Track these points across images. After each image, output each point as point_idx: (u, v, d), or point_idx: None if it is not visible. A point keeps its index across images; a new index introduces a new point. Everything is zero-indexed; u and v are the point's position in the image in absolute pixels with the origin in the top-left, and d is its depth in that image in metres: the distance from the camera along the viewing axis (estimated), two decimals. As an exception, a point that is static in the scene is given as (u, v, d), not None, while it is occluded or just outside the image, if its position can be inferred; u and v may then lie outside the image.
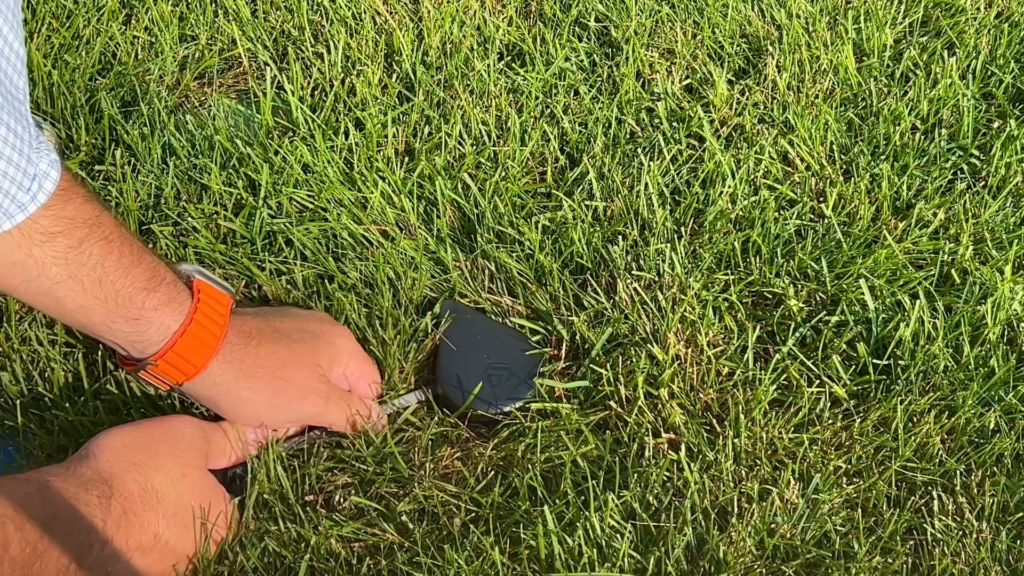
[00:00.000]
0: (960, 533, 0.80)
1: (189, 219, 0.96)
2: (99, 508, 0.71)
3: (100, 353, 0.88)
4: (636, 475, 0.81)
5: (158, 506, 0.74)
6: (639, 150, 1.03)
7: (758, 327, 0.91)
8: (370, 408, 0.85)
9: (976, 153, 1.05)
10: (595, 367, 0.88)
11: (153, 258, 0.80)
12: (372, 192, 0.99)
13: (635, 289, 0.92)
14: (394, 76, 1.10)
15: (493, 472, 0.82)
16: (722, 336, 0.90)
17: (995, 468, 0.84)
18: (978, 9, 1.17)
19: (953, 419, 0.85)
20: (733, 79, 1.10)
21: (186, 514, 0.75)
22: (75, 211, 0.75)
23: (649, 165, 1.00)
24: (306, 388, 0.82)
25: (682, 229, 0.97)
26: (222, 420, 0.82)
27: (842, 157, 1.04)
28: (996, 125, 1.06)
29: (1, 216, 0.70)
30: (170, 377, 0.80)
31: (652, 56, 1.11)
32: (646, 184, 0.99)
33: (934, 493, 0.82)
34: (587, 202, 0.99)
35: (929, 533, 0.80)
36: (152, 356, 0.79)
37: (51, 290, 0.76)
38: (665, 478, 0.81)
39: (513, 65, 1.11)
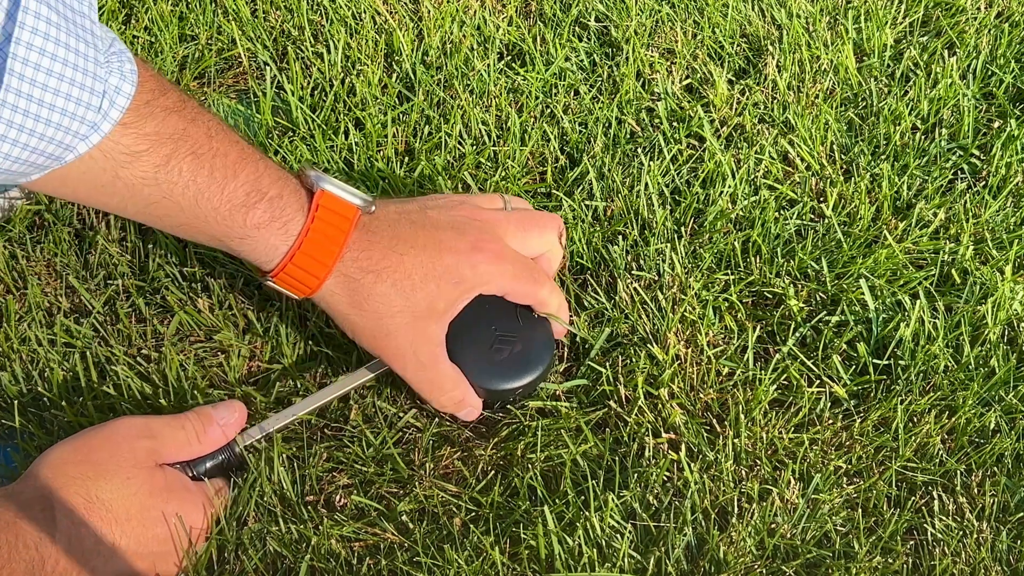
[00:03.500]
0: (960, 533, 0.80)
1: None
2: (43, 524, 0.69)
3: (99, 354, 0.88)
4: (636, 475, 0.81)
5: (107, 514, 0.71)
6: (639, 150, 1.03)
7: (758, 327, 0.91)
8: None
9: (976, 153, 1.05)
10: (594, 366, 0.88)
11: (254, 169, 0.75)
12: (372, 192, 0.99)
13: (635, 289, 0.92)
14: (394, 76, 1.10)
15: (493, 472, 0.82)
16: (722, 336, 0.90)
17: (995, 468, 0.84)
18: (978, 9, 1.17)
19: (953, 419, 0.85)
20: (733, 79, 1.10)
21: (141, 515, 0.72)
22: (157, 126, 0.71)
23: (649, 165, 1.00)
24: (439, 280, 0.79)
25: (682, 229, 0.97)
26: (184, 411, 0.79)
27: (842, 157, 1.04)
28: (996, 125, 1.06)
29: (73, 138, 0.67)
30: (294, 291, 0.78)
31: (652, 56, 1.11)
32: (646, 184, 0.99)
33: (934, 493, 0.82)
34: (587, 202, 0.99)
35: (929, 533, 0.80)
36: (269, 273, 0.77)
37: (149, 210, 0.73)
38: (665, 478, 0.81)
39: (513, 65, 1.11)
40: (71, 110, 0.66)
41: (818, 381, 0.88)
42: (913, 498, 0.82)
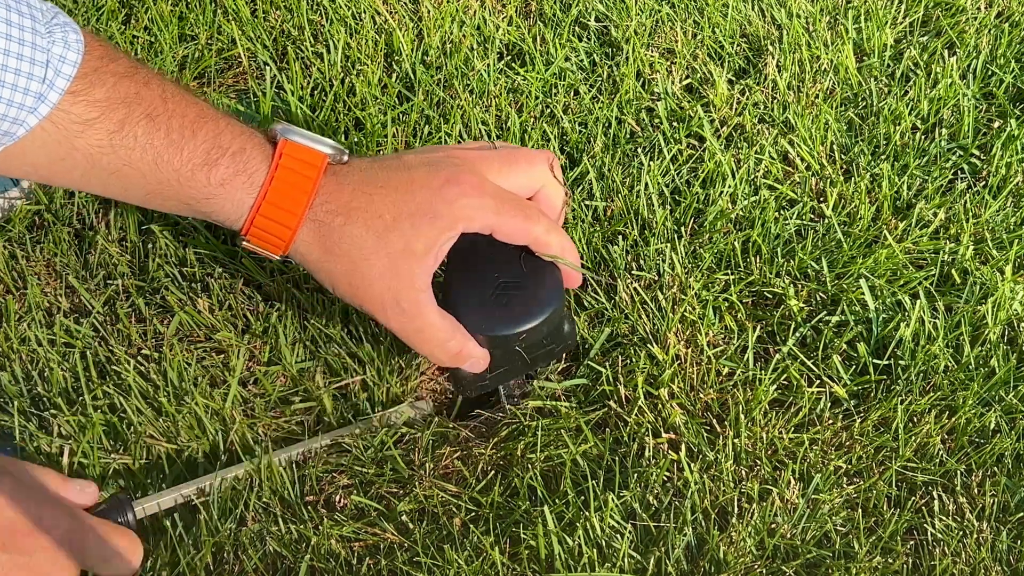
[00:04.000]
0: (960, 533, 0.80)
1: (189, 219, 0.96)
2: None
3: (99, 353, 0.88)
4: (636, 475, 0.81)
5: None
6: (639, 150, 1.03)
7: (758, 327, 0.91)
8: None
9: (976, 153, 1.05)
10: (594, 366, 0.88)
11: (214, 127, 0.72)
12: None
13: (635, 289, 0.92)
14: (394, 76, 1.10)
15: (493, 472, 0.82)
16: (722, 336, 0.90)
17: (995, 468, 0.84)
18: (978, 9, 1.17)
19: (953, 419, 0.85)
20: (733, 79, 1.10)
21: (13, 535, 0.65)
22: (108, 92, 0.69)
23: (649, 165, 1.00)
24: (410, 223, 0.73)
25: (682, 229, 0.97)
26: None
27: (842, 157, 1.04)
28: (996, 125, 1.06)
29: (19, 111, 0.66)
30: (270, 247, 0.75)
31: (652, 56, 1.11)
32: (646, 184, 0.99)
33: (934, 493, 0.82)
34: (587, 202, 0.99)
35: (929, 533, 0.80)
36: (240, 232, 0.74)
37: (110, 181, 0.71)
38: (665, 478, 0.81)
39: (513, 65, 1.11)
40: (11, 81, 0.65)
41: (818, 381, 0.88)
42: (913, 498, 0.82)
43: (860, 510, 0.81)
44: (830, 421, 0.85)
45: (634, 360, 0.87)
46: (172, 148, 0.71)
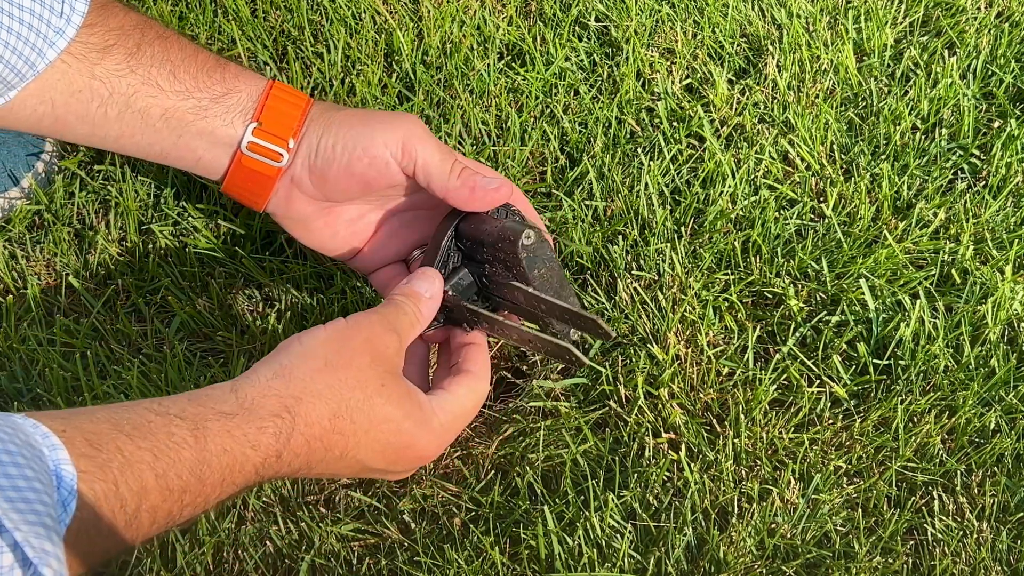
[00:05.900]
0: (960, 533, 0.80)
1: (189, 219, 0.96)
2: (272, 445, 0.61)
3: (99, 353, 0.88)
4: (636, 475, 0.81)
5: (351, 428, 0.63)
6: (639, 150, 1.03)
7: (758, 327, 0.91)
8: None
9: (976, 153, 1.05)
10: (594, 365, 0.88)
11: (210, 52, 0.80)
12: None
13: (635, 289, 0.92)
14: (394, 76, 1.10)
15: (493, 471, 0.83)
16: (722, 336, 0.90)
17: (995, 468, 0.84)
18: (979, 9, 1.17)
19: (953, 419, 0.85)
20: (733, 79, 1.10)
21: (382, 431, 0.65)
22: (121, 21, 0.76)
23: (649, 165, 1.00)
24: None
25: (682, 229, 0.97)
26: (391, 297, 0.72)
27: (842, 157, 1.04)
28: (996, 125, 1.06)
29: (42, 45, 0.71)
30: (277, 135, 0.76)
31: (652, 56, 1.11)
32: (646, 184, 0.99)
33: (934, 493, 0.82)
34: (587, 202, 0.99)
35: (929, 533, 0.80)
36: (252, 117, 0.77)
37: (130, 105, 0.75)
38: (665, 478, 0.81)
39: (513, 65, 1.11)
40: (38, 12, 0.70)
41: (818, 381, 0.88)
42: (913, 498, 0.82)
43: (860, 510, 0.81)
44: (830, 421, 0.85)
45: (634, 360, 0.87)
46: (187, 58, 0.77)
